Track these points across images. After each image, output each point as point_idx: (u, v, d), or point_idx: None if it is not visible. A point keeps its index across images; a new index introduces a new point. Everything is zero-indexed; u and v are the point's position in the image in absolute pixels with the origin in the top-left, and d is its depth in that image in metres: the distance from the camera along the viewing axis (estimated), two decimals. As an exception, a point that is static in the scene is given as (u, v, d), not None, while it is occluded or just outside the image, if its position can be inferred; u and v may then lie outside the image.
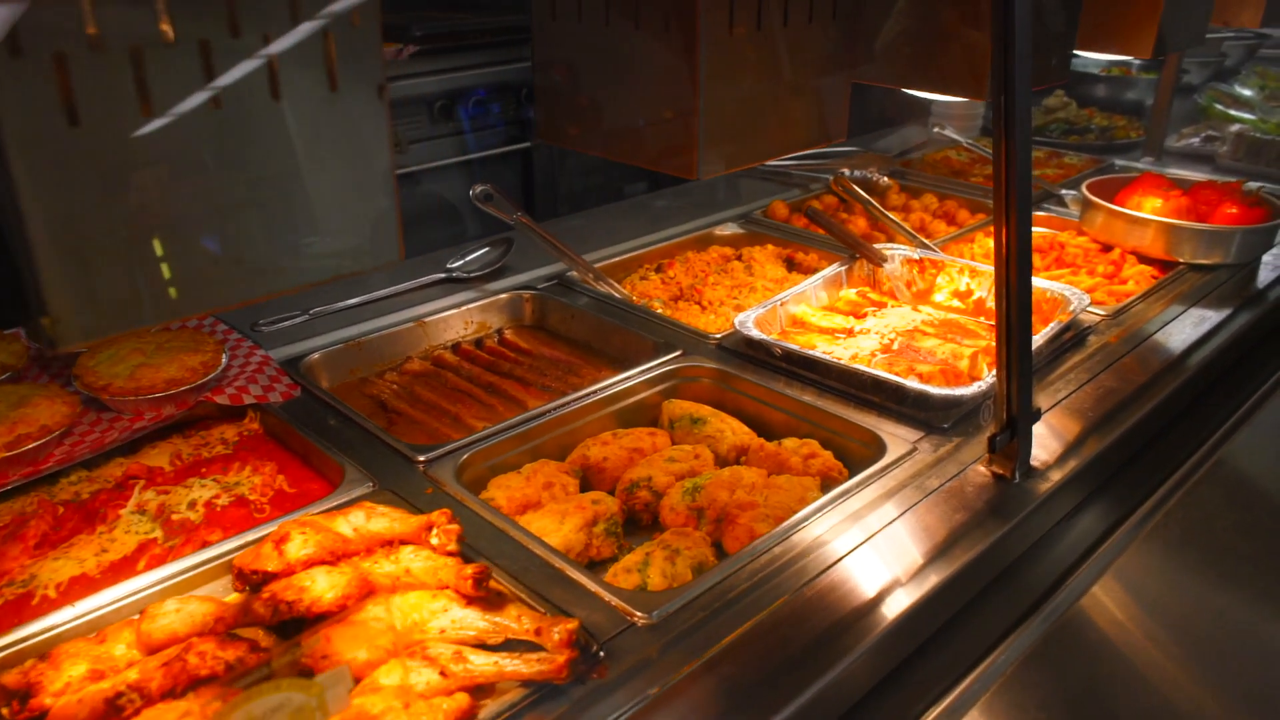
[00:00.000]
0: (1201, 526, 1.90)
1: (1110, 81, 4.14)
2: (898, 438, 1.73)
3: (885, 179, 3.08)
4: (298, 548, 1.32)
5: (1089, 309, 2.23)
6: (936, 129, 3.18)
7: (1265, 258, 2.60)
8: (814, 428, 1.84)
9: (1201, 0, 2.25)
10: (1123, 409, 1.88)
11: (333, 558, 1.33)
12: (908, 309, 2.15)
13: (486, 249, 2.44)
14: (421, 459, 1.66)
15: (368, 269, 1.03)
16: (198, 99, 0.85)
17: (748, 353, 2.02)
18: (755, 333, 1.98)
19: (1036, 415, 1.65)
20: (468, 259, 2.43)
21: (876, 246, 2.37)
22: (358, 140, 0.90)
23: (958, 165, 3.35)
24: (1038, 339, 1.96)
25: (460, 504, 1.56)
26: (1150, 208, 2.55)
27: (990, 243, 2.51)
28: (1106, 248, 2.62)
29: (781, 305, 2.13)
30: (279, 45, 0.84)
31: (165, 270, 0.88)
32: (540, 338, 2.26)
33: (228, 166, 0.86)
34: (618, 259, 2.55)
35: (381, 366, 2.11)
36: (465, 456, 1.68)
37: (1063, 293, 2.16)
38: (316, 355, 2.02)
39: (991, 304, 2.26)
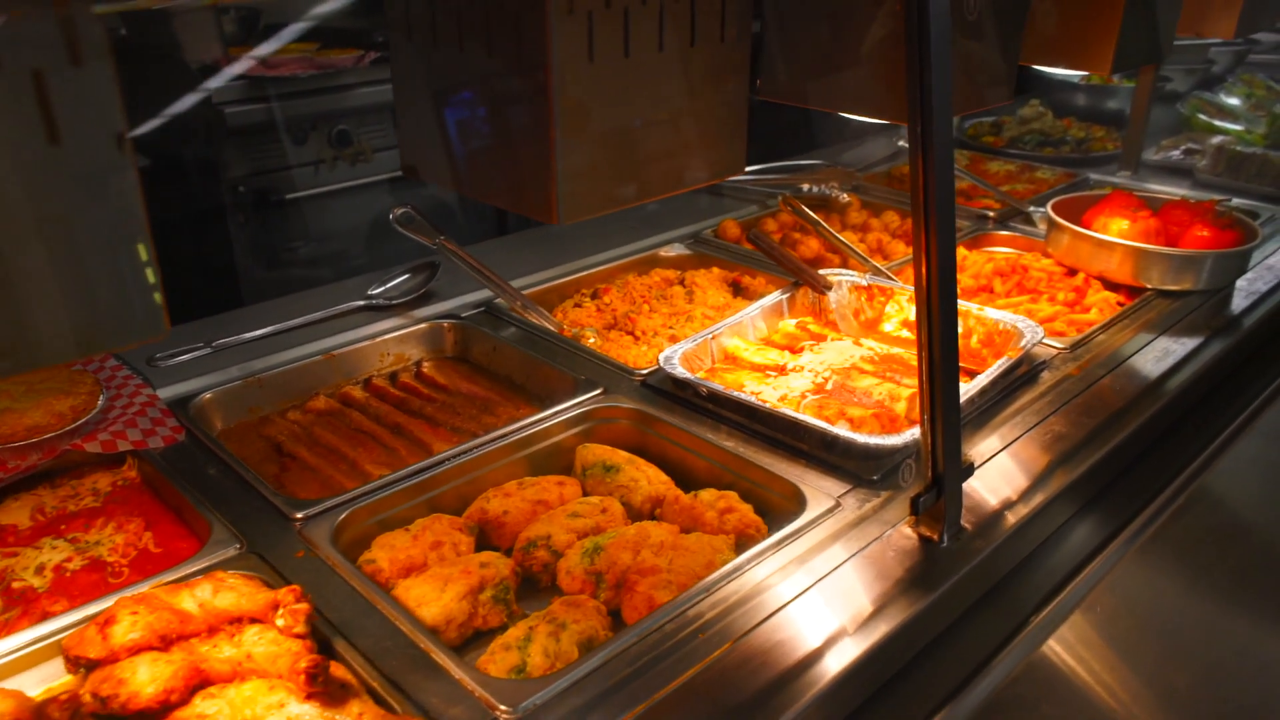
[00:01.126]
0: (1169, 574, 1.76)
1: (1090, 90, 3.99)
2: (820, 491, 1.59)
3: (845, 195, 2.94)
4: (124, 631, 1.18)
5: (1046, 342, 2.08)
6: (901, 141, 3.04)
7: (1239, 282, 2.45)
8: (735, 477, 1.70)
9: (1167, 12, 2.10)
10: (1071, 456, 1.74)
11: (163, 642, 1.19)
12: (848, 343, 2.01)
13: (408, 274, 2.31)
14: (298, 516, 1.52)
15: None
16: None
17: (674, 392, 1.88)
18: (680, 371, 1.84)
19: (968, 470, 1.51)
20: (389, 285, 2.29)
21: (823, 272, 2.23)
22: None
23: (925, 180, 3.20)
24: (982, 379, 1.82)
25: (332, 570, 1.42)
26: (1116, 230, 2.41)
27: None
28: (1072, 271, 2.47)
29: (714, 339, 2.00)
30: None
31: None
32: (462, 371, 2.12)
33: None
34: (553, 284, 2.41)
35: (285, 404, 1.97)
36: (346, 514, 1.54)
37: (1015, 325, 2.02)
38: (210, 394, 1.88)
39: (942, 335, 2.12)
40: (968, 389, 1.79)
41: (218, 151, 3.77)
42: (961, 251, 2.57)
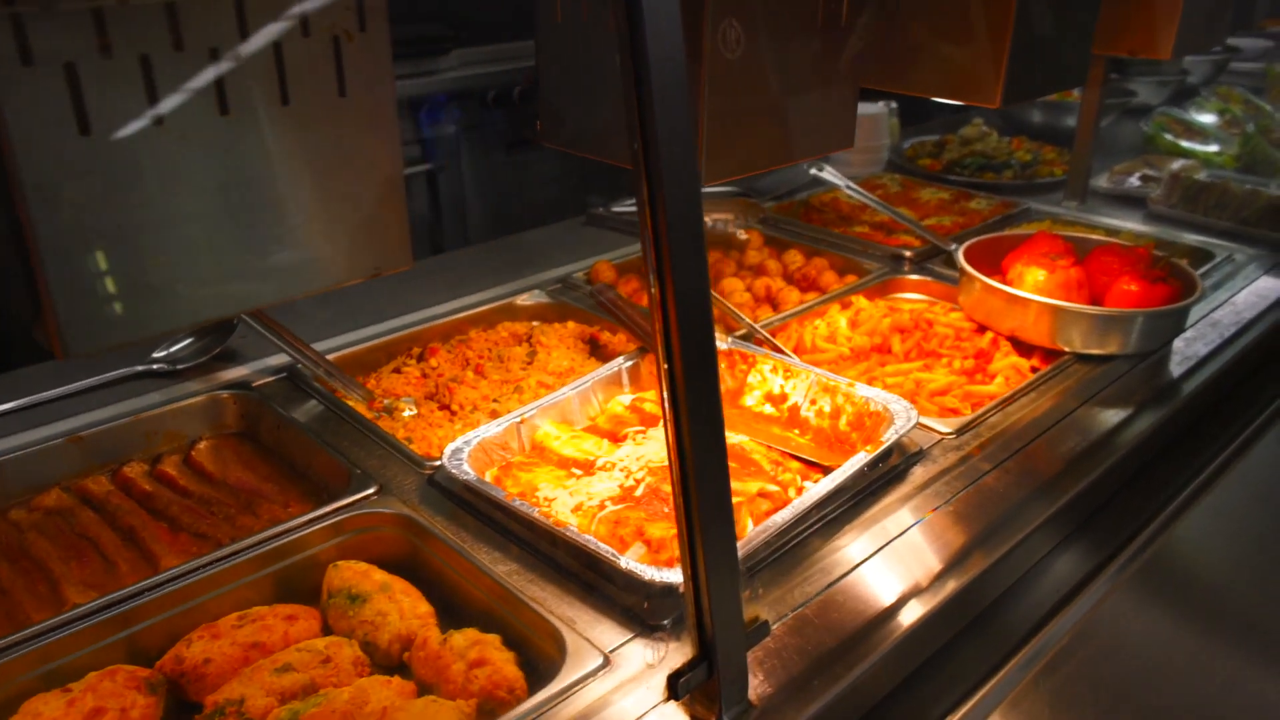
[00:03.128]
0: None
1: (1046, 107, 3.64)
2: (589, 643, 1.27)
3: (742, 232, 2.61)
4: None
5: (926, 423, 1.76)
6: (813, 169, 2.71)
7: (1177, 343, 2.11)
8: (505, 614, 1.38)
9: (1076, 37, 1.77)
10: (921, 593, 1.42)
11: None
12: (684, 429, 1.68)
13: (196, 334, 1.99)
14: (-79, 675, 1.21)
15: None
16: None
17: (462, 495, 1.56)
18: (465, 469, 1.52)
19: (760, 632, 1.19)
20: (179, 344, 1.98)
21: (676, 335, 1.90)
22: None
23: (847, 209, 2.87)
24: (827, 483, 1.49)
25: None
26: (1032, 281, 2.07)
27: (843, 319, 2.05)
28: (984, 329, 2.14)
29: (523, 422, 1.67)
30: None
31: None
32: (242, 455, 1.80)
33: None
34: (385, 340, 2.09)
35: (10, 501, 1.66)
36: (-13, 671, 1.23)
37: (887, 406, 1.69)
38: (-94, 492, 1.58)
39: (808, 413, 1.80)
40: (823, 485, 1.47)
41: None
42: (860, 302, 2.24)
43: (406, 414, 1.87)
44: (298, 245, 0.88)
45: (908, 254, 2.51)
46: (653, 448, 1.61)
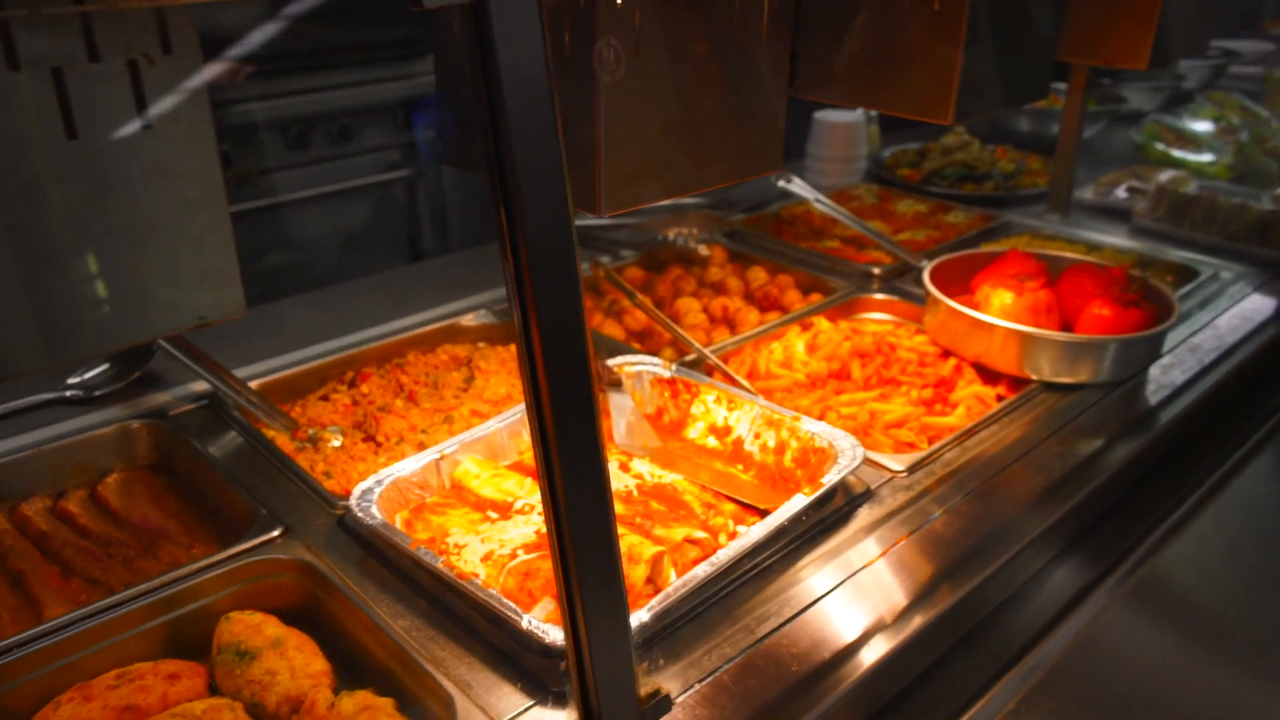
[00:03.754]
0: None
1: (1035, 114, 3.53)
2: (481, 712, 1.16)
3: (703, 248, 2.50)
4: None
5: (881, 459, 1.65)
6: (781, 181, 2.60)
7: (1152, 370, 2.00)
8: (403, 674, 1.28)
9: (1038, 49, 1.66)
10: (849, 660, 1.31)
11: None
12: (614, 465, 1.57)
13: (112, 358, 1.89)
14: None
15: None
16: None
17: (370, 540, 1.46)
18: (373, 511, 1.42)
19: (657, 709, 1.08)
20: (97, 370, 1.88)
21: (617, 361, 1.80)
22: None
23: (820, 222, 2.76)
24: (759, 530, 1.39)
25: None
26: (998, 305, 1.96)
27: (800, 342, 1.94)
28: (949, 353, 2.03)
29: (442, 459, 1.57)
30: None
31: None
32: (153, 490, 1.70)
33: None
34: (317, 364, 1.99)
35: (-102, 539, 1.57)
36: None
37: (833, 442, 1.58)
38: None
39: (752, 447, 1.69)
40: (719, 556, 1.36)
41: None
42: (821, 324, 2.13)
43: (334, 444, 1.77)
44: (113, 291, 0.79)
45: (877, 271, 2.40)
46: (577, 489, 1.50)
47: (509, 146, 0.81)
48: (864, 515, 1.54)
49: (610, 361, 1.80)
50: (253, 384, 1.88)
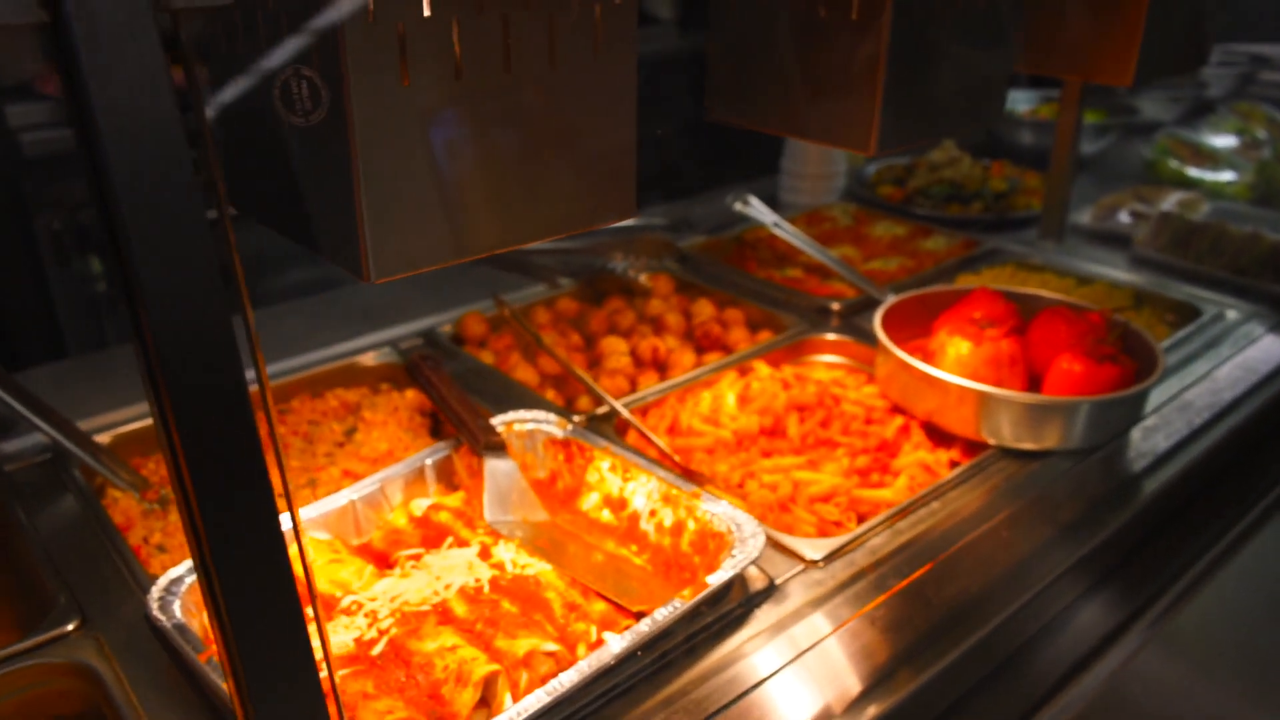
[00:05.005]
0: None
1: (1038, 126, 3.25)
2: None
3: (645, 277, 2.27)
4: None
5: (794, 545, 1.41)
6: (738, 204, 2.36)
7: (1133, 433, 1.74)
8: (168, 820, 1.07)
9: (991, 69, 1.41)
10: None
11: None
12: (474, 550, 1.34)
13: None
14: None
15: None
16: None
17: (168, 640, 1.25)
18: (170, 610, 1.21)
19: None
20: (-64, 417, 1.69)
21: (505, 420, 1.57)
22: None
23: (785, 247, 2.52)
24: (617, 643, 1.15)
25: None
26: (954, 355, 1.71)
27: (731, 393, 1.71)
28: (900, 409, 1.78)
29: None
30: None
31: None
32: (-29, 556, 1.51)
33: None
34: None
35: None
36: None
37: (731, 525, 1.34)
38: None
39: (647, 525, 1.46)
40: (557, 684, 1.13)
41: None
42: (761, 370, 1.89)
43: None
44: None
45: (835, 307, 2.16)
46: (419, 581, 1.28)
47: (116, 214, 0.59)
48: (763, 617, 1.30)
49: (498, 419, 1.58)
50: (111, 434, 1.69)
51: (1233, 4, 2.86)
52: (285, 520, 0.76)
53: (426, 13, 0.81)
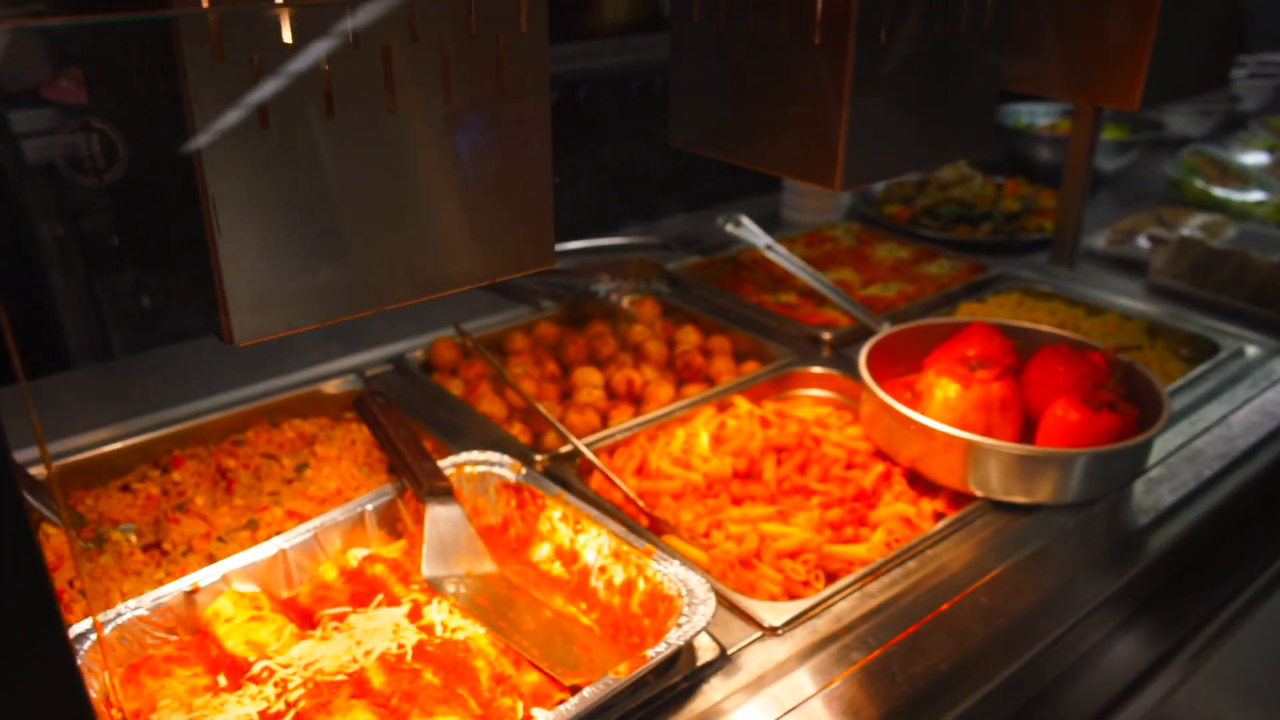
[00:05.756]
0: None
1: (1056, 143, 3.11)
2: None
3: (629, 301, 2.17)
4: None
5: (752, 608, 1.31)
6: (730, 226, 2.25)
7: (1136, 485, 1.61)
8: None
9: (974, 102, 1.30)
10: None
11: None
12: (403, 610, 1.25)
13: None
14: None
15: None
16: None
17: (78, 697, 1.17)
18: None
19: None
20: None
21: (459, 461, 1.48)
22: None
23: (780, 270, 2.40)
24: (558, 716, 1.06)
25: None
26: (940, 399, 1.59)
27: (705, 432, 1.62)
28: (883, 454, 1.67)
29: (195, 591, 1.27)
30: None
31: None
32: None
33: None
34: (149, 436, 1.71)
35: None
36: None
37: (682, 588, 1.24)
38: None
39: (597, 582, 1.36)
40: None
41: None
42: (740, 406, 1.79)
43: (130, 549, 1.49)
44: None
45: (826, 336, 2.04)
46: (338, 645, 1.19)
47: None
48: (710, 692, 1.19)
49: (448, 461, 1.49)
50: (59, 464, 1.62)
51: (1269, 11, 2.70)
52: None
53: (288, 39, 0.72)
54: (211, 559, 1.43)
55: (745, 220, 2.24)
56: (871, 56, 1.12)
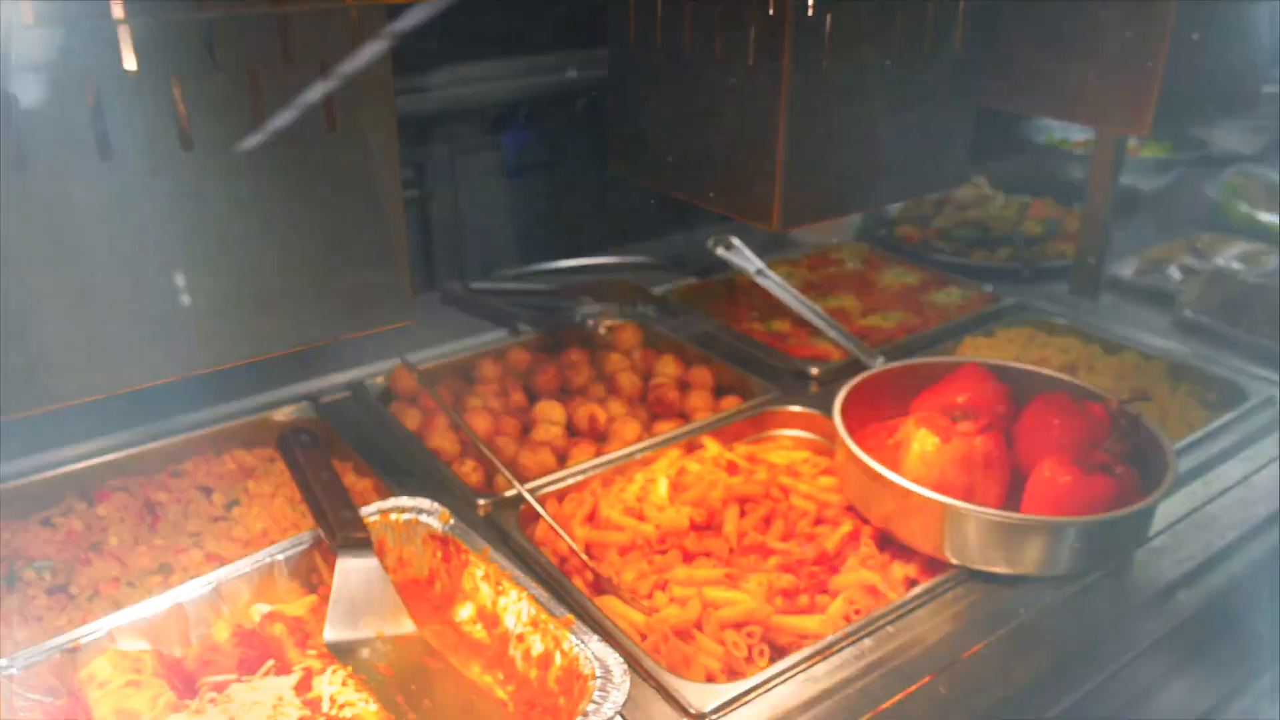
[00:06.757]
0: None
1: (1085, 160, 2.91)
2: None
3: (605, 327, 2.05)
4: None
5: (680, 690, 1.18)
6: (720, 249, 2.11)
7: (1138, 555, 1.44)
8: None
9: (950, 134, 1.15)
10: None
11: None
12: (290, 681, 1.14)
13: None
14: None
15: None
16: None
17: (-66, 766, 1.08)
18: (-76, 740, 1.04)
19: None
20: None
21: (372, 510, 1.37)
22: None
23: (775, 297, 2.26)
24: (405, 838, 0.94)
25: None
26: (917, 454, 1.44)
27: (663, 481, 1.50)
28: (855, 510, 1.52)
29: (76, 649, 1.18)
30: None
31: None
32: None
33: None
34: (84, 465, 1.63)
35: None
36: None
37: (596, 669, 1.12)
38: None
39: (515, 652, 1.24)
40: None
41: None
42: (711, 449, 1.66)
43: (47, 583, 1.42)
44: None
45: (814, 371, 1.90)
46: (211, 723, 1.08)
47: None
48: (617, 793, 1.07)
49: (372, 508, 1.37)
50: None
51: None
52: None
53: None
54: (117, 606, 1.34)
55: (736, 242, 2.10)
56: (811, 81, 0.98)
